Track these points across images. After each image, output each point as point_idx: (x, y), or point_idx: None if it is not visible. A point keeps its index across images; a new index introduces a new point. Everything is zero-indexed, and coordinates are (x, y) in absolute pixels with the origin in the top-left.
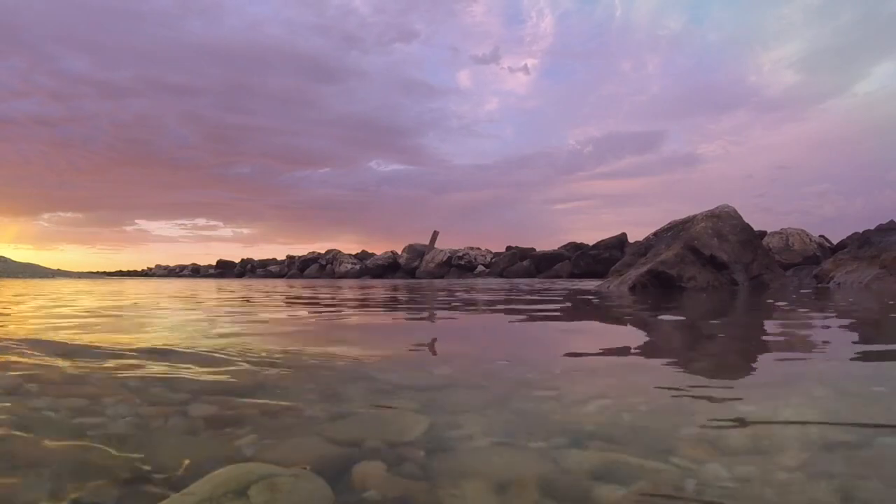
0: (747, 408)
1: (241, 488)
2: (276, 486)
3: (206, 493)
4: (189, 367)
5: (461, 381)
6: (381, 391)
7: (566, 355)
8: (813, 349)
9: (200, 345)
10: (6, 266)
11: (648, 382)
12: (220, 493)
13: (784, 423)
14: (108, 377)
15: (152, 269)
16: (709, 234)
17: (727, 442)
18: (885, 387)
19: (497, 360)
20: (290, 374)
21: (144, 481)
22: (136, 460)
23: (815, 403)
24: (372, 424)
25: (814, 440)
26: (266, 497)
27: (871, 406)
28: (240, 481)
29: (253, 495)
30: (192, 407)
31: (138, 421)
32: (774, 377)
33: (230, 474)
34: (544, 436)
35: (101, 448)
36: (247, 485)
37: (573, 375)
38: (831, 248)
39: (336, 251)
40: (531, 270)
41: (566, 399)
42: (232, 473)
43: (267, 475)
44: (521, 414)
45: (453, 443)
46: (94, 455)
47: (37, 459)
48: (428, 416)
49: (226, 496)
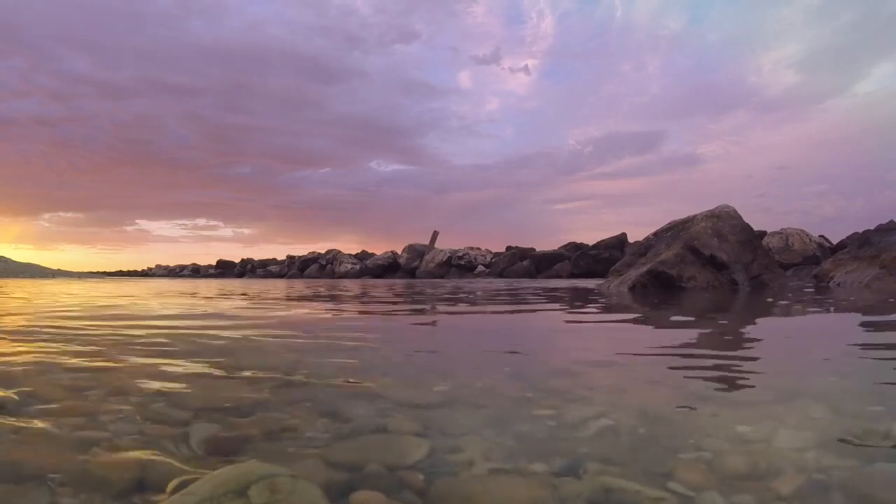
0: (744, 428)
1: (241, 488)
2: (276, 486)
3: (207, 493)
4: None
5: (460, 399)
6: (380, 409)
7: (564, 367)
8: (811, 356)
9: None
10: (6, 266)
11: (647, 399)
12: (220, 493)
13: (781, 448)
14: (106, 396)
15: (152, 270)
16: (709, 234)
17: (725, 466)
18: (884, 406)
19: (496, 375)
20: (287, 389)
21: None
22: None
23: (812, 425)
24: (371, 447)
25: (810, 465)
26: (266, 497)
27: (870, 428)
28: (240, 481)
29: (253, 495)
30: (192, 428)
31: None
32: (772, 394)
33: (230, 474)
34: (543, 460)
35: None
36: (247, 485)
37: (572, 392)
38: (831, 248)
39: (336, 251)
40: (531, 271)
41: (565, 419)
42: (232, 473)
43: (267, 475)
44: (519, 437)
45: (453, 468)
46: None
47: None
48: (427, 439)
49: (226, 496)
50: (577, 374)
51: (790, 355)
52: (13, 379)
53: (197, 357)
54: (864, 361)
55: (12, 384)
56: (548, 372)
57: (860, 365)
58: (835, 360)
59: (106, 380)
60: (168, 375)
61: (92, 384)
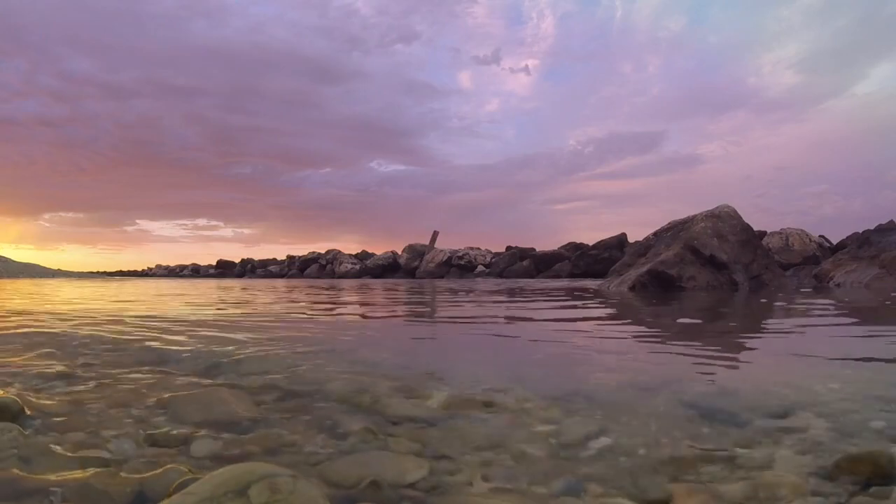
0: (743, 451)
1: (242, 488)
2: (276, 486)
3: (207, 492)
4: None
5: (460, 413)
6: (378, 424)
7: (564, 376)
8: (810, 360)
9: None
10: (6, 266)
11: (648, 417)
12: (220, 492)
13: (779, 472)
14: (107, 409)
15: (152, 269)
16: (708, 234)
17: (724, 490)
18: (885, 421)
19: (497, 383)
20: (287, 401)
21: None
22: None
23: (811, 448)
24: (370, 464)
25: (810, 489)
26: (266, 497)
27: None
28: (240, 481)
29: (253, 495)
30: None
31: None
32: (771, 408)
33: (230, 474)
34: (542, 480)
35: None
36: (247, 485)
37: (571, 403)
38: (831, 248)
39: (336, 251)
40: (531, 270)
41: (565, 437)
42: (232, 473)
43: (267, 475)
44: (519, 457)
45: (452, 487)
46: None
47: None
48: (426, 458)
49: (226, 496)
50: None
51: (790, 358)
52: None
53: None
54: (863, 367)
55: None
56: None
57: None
58: (835, 364)
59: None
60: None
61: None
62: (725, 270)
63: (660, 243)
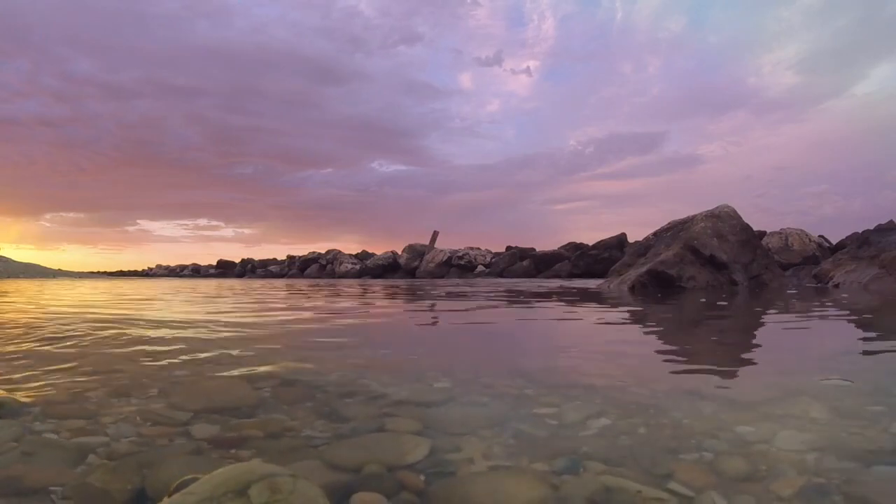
0: (745, 429)
1: (242, 488)
2: (276, 485)
3: (207, 492)
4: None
5: (460, 397)
6: (380, 408)
7: (563, 365)
8: (809, 357)
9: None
10: (7, 266)
11: (647, 398)
12: (220, 492)
13: (781, 449)
14: (105, 404)
15: (153, 269)
16: (708, 234)
17: (725, 467)
18: (884, 405)
19: (497, 371)
20: (288, 387)
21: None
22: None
23: (812, 426)
24: (371, 447)
25: (810, 467)
26: (266, 497)
27: (869, 429)
28: (240, 481)
29: (253, 495)
30: (194, 427)
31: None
32: (773, 393)
33: (230, 474)
34: (543, 459)
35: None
36: (247, 485)
37: (571, 390)
38: (830, 248)
39: (336, 251)
40: (531, 270)
41: (565, 418)
42: (232, 473)
43: (267, 475)
44: (519, 436)
45: (452, 467)
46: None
47: None
48: (427, 438)
49: (226, 496)
50: (577, 373)
51: (789, 355)
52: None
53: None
54: (863, 362)
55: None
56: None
57: (860, 365)
58: (834, 360)
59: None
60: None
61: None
62: (725, 270)
63: (660, 243)
